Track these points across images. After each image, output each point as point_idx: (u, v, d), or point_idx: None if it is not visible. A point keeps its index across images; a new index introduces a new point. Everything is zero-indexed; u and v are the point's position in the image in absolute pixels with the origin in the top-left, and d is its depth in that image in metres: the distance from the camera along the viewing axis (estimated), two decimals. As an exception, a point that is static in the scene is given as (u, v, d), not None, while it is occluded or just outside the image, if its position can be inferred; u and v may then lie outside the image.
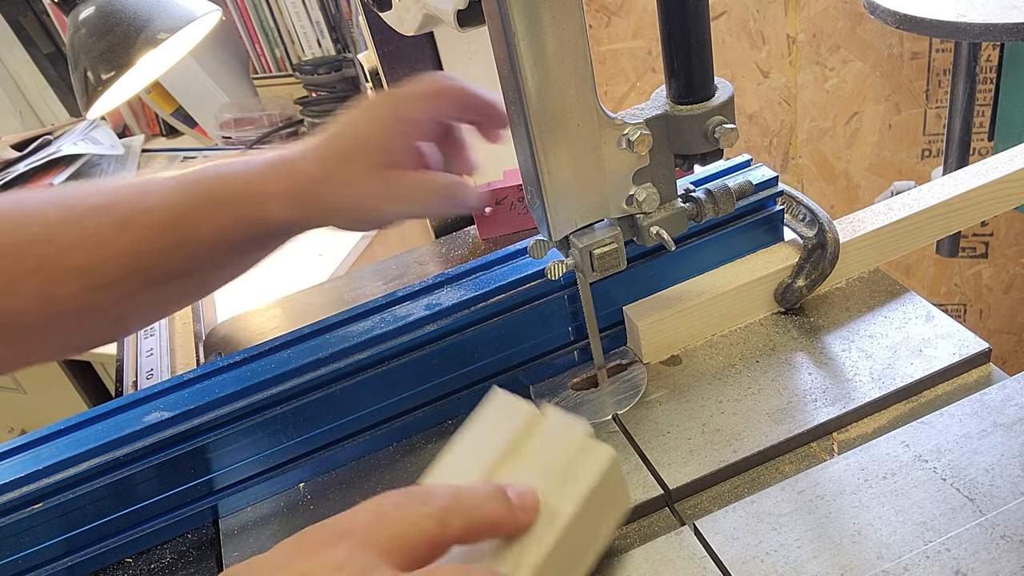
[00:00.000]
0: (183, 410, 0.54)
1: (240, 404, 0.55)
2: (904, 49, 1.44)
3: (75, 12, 0.84)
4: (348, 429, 0.58)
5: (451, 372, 0.59)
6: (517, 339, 0.59)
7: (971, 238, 1.56)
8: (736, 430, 0.53)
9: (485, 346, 0.59)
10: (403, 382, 0.58)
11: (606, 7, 1.53)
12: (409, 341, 0.57)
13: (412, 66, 0.83)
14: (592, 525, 0.44)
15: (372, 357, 0.56)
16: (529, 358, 0.61)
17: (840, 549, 0.44)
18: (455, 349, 0.58)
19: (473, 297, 0.58)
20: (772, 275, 0.60)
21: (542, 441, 0.45)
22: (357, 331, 0.57)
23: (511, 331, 0.59)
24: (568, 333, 0.61)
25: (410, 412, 0.59)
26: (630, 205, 0.51)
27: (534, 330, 0.59)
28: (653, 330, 0.59)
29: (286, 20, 1.53)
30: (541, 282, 0.58)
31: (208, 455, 0.55)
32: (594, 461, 0.44)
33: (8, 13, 1.64)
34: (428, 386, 0.59)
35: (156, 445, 0.54)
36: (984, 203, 0.63)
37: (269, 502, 0.58)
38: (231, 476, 0.57)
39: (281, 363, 0.56)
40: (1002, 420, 0.49)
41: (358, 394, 0.57)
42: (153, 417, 0.54)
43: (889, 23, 0.91)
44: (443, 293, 0.59)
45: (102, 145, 1.51)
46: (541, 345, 0.60)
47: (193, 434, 0.55)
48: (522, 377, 0.61)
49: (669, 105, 0.49)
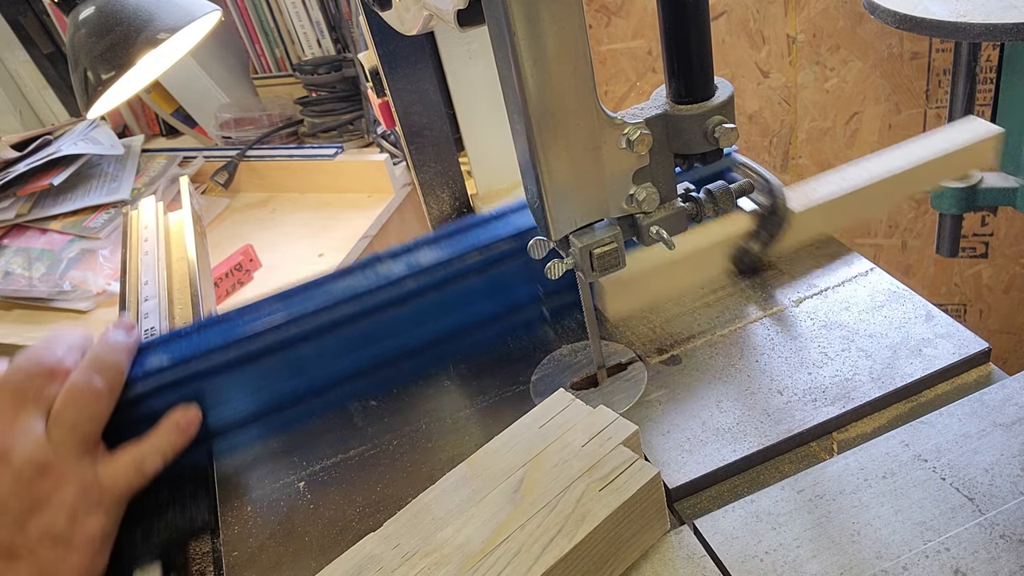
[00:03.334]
0: (181, 357, 0.58)
1: (232, 354, 0.59)
2: (904, 49, 1.44)
3: (75, 12, 0.84)
4: (333, 379, 0.61)
5: (429, 325, 0.62)
6: (490, 296, 0.63)
7: (971, 238, 1.56)
8: (735, 430, 0.53)
9: (461, 302, 0.62)
10: (384, 335, 0.61)
11: (606, 7, 1.53)
12: (389, 297, 0.60)
13: (412, 66, 0.82)
14: (622, 538, 0.45)
15: (355, 311, 0.60)
16: (501, 314, 0.64)
17: (839, 549, 0.44)
18: (433, 304, 0.62)
19: (450, 258, 0.61)
20: (729, 240, 0.64)
21: (591, 443, 0.48)
22: (341, 287, 0.61)
23: (485, 289, 0.63)
24: (538, 290, 0.65)
25: (391, 364, 0.62)
26: (630, 205, 0.51)
27: (505, 288, 0.64)
28: (616, 288, 0.63)
29: (286, 20, 1.53)
30: (512, 244, 0.62)
31: (204, 400, 0.59)
32: (637, 475, 0.45)
33: (8, 13, 1.65)
34: (408, 339, 0.62)
35: (156, 389, 0.57)
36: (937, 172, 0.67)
37: (261, 446, 0.62)
38: (225, 420, 0.60)
39: (272, 315, 0.60)
40: (1002, 420, 0.49)
41: (342, 345, 0.61)
42: (154, 362, 0.58)
43: (889, 23, 0.91)
44: (422, 253, 0.63)
45: (102, 145, 1.51)
46: (512, 301, 0.64)
47: (190, 379, 0.58)
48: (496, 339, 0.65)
49: (669, 105, 0.49)
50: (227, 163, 1.52)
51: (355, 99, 1.51)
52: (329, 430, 0.62)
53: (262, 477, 0.59)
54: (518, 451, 0.49)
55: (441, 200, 0.88)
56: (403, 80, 0.83)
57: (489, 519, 0.45)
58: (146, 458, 0.54)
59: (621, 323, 0.64)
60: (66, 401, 0.52)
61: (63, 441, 0.51)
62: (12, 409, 0.50)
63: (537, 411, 0.51)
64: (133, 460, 0.54)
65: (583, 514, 0.44)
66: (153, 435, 0.55)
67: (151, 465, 0.55)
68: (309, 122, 1.53)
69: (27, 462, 0.49)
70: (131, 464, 0.54)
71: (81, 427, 0.52)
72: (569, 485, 0.45)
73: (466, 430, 0.59)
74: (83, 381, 0.53)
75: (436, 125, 0.84)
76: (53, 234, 1.39)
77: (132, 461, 0.54)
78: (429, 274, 0.61)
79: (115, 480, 0.53)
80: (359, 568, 0.45)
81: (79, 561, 0.50)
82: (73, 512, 0.50)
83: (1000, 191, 0.95)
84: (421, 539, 0.45)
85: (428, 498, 0.48)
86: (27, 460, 0.49)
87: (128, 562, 0.55)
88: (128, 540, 0.55)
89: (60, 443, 0.51)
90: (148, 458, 0.54)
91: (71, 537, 0.49)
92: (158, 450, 0.55)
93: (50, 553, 0.49)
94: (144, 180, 1.51)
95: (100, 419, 0.53)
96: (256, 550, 0.54)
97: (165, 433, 0.56)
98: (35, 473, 0.49)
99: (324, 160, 1.46)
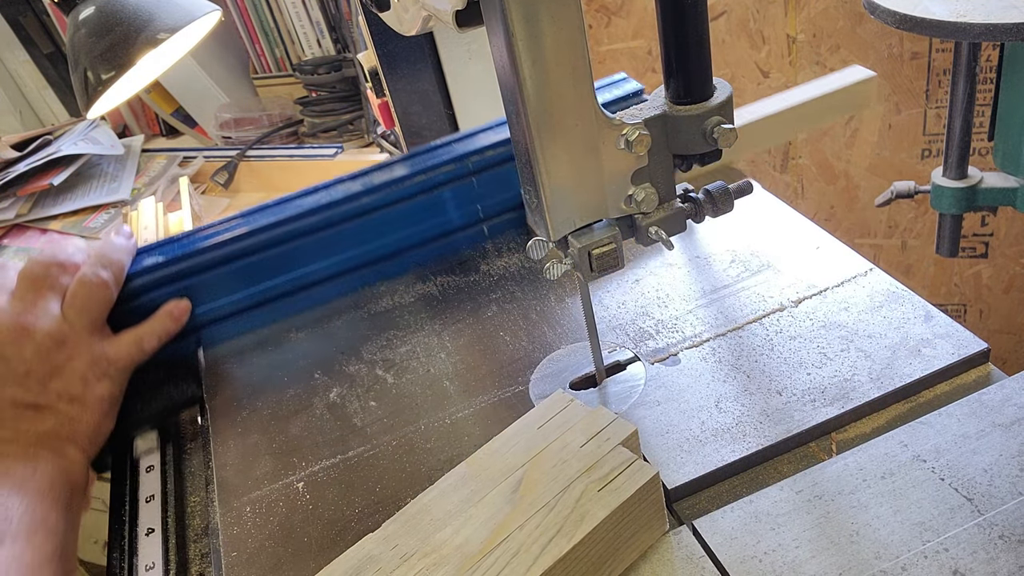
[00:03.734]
0: (174, 256, 0.69)
1: (218, 253, 0.70)
2: (904, 49, 1.44)
3: (75, 12, 0.84)
4: (306, 280, 0.73)
5: (385, 238, 0.74)
6: (436, 214, 0.74)
7: (971, 238, 1.56)
8: (734, 430, 0.53)
9: (410, 218, 0.74)
10: (347, 244, 0.73)
11: (606, 7, 1.53)
12: (349, 210, 0.71)
13: (412, 66, 0.83)
14: (621, 538, 0.45)
15: (321, 221, 0.71)
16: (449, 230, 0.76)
17: (838, 549, 0.44)
18: (387, 219, 0.73)
19: (400, 177, 0.72)
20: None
21: (590, 444, 0.48)
22: (309, 202, 0.72)
23: (432, 207, 0.74)
24: (477, 211, 0.75)
25: (355, 270, 0.74)
26: (629, 205, 0.51)
27: (450, 207, 0.75)
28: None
29: (286, 20, 1.53)
30: (454, 168, 0.73)
31: (193, 295, 0.70)
32: (636, 475, 0.45)
33: (8, 13, 1.64)
34: (370, 247, 0.74)
35: (152, 282, 0.69)
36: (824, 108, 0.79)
37: (242, 338, 0.73)
38: (212, 313, 0.72)
39: (250, 223, 0.71)
40: (1001, 420, 0.49)
41: (311, 251, 0.72)
42: (150, 260, 0.69)
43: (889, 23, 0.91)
44: (376, 175, 0.74)
45: (102, 145, 1.50)
46: (457, 219, 0.75)
47: (182, 276, 0.69)
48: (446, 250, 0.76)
49: (668, 105, 0.49)
50: (227, 163, 1.52)
51: (355, 99, 1.51)
52: (328, 431, 0.62)
53: (262, 477, 0.59)
54: (517, 451, 0.49)
55: (441, 200, 0.87)
56: (403, 80, 0.83)
57: (488, 519, 0.45)
58: (144, 337, 0.65)
59: (620, 324, 0.64)
60: (78, 288, 0.63)
61: (76, 320, 0.62)
62: (33, 295, 0.61)
63: (536, 411, 0.51)
64: (134, 338, 0.65)
65: (582, 514, 0.44)
66: (150, 321, 0.66)
67: (149, 343, 0.66)
68: (309, 122, 1.53)
69: (46, 336, 0.60)
70: (133, 342, 0.65)
71: (90, 310, 0.63)
72: (568, 485, 0.45)
73: (465, 430, 0.59)
74: (92, 272, 0.64)
75: (435, 125, 0.85)
76: (53, 234, 1.39)
77: (133, 339, 0.65)
78: (382, 192, 0.73)
79: (119, 354, 0.64)
80: (358, 568, 0.45)
81: (91, 418, 0.61)
82: (85, 378, 0.61)
83: (1000, 191, 0.95)
84: (420, 539, 0.45)
85: (427, 499, 0.48)
86: (46, 334, 0.60)
87: (130, 428, 0.66)
88: (130, 411, 0.66)
89: (73, 322, 0.62)
90: (146, 337, 0.65)
91: (84, 397, 0.61)
92: (155, 332, 0.66)
93: (68, 408, 0.60)
94: (144, 180, 1.51)
95: (106, 304, 0.65)
96: (255, 550, 0.54)
97: (160, 319, 0.67)
98: (53, 345, 0.60)
99: (324, 160, 1.46)
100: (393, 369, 0.67)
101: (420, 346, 0.68)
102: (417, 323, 0.71)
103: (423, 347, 0.68)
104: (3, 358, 0.58)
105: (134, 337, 0.65)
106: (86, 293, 0.63)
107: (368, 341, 0.70)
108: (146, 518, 0.59)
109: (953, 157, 0.96)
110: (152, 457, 0.65)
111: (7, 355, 0.58)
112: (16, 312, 0.60)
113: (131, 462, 0.65)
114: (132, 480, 0.63)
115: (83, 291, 0.63)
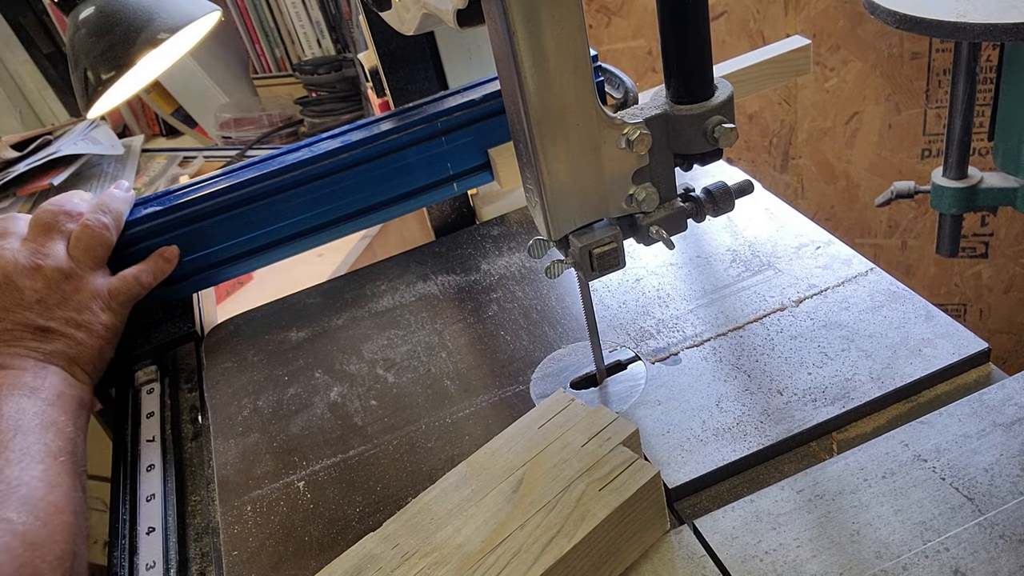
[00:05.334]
0: (170, 204, 0.75)
1: (208, 204, 0.75)
2: (904, 49, 1.44)
3: (75, 12, 0.84)
4: (289, 231, 0.78)
5: (364, 192, 0.78)
6: (410, 172, 0.78)
7: (971, 238, 1.56)
8: (735, 430, 0.53)
9: (386, 175, 0.78)
10: (329, 198, 0.77)
11: (606, 7, 1.53)
12: (328, 165, 0.76)
13: (412, 66, 0.83)
14: (621, 538, 0.45)
15: (302, 175, 0.75)
16: (424, 187, 0.79)
17: (839, 548, 0.44)
18: (365, 175, 0.77)
19: (375, 134, 0.76)
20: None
21: (591, 443, 0.48)
22: (292, 158, 0.76)
23: (405, 165, 0.78)
24: (447, 168, 0.79)
25: (335, 224, 0.79)
26: (630, 205, 0.51)
27: (419, 167, 0.78)
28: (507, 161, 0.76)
29: (286, 20, 1.54)
30: (425, 126, 0.76)
31: (186, 243, 0.76)
32: (637, 475, 0.45)
33: (8, 13, 1.65)
34: (349, 201, 0.78)
35: (151, 229, 0.75)
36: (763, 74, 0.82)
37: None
38: (205, 261, 0.77)
39: (238, 176, 0.76)
40: (1001, 420, 0.49)
41: (294, 204, 0.76)
42: (150, 208, 0.75)
43: (889, 23, 0.91)
44: (353, 133, 0.77)
45: (102, 145, 1.50)
46: (428, 177, 0.79)
47: (178, 224, 0.75)
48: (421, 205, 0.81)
49: (669, 105, 0.49)
50: (227, 163, 1.52)
51: (355, 99, 1.51)
52: (329, 430, 0.62)
53: (263, 476, 0.59)
54: (518, 451, 0.49)
55: (441, 200, 0.88)
56: (403, 80, 0.83)
57: (489, 519, 0.45)
58: (141, 274, 0.73)
59: (619, 324, 0.64)
60: (81, 231, 0.71)
61: (80, 259, 0.70)
62: (43, 238, 0.70)
63: (537, 411, 0.51)
64: (132, 274, 0.73)
65: (583, 514, 0.44)
66: (146, 261, 0.74)
67: (146, 279, 0.73)
68: (309, 122, 1.53)
69: (55, 271, 0.68)
70: (131, 277, 0.72)
71: (93, 250, 0.71)
72: (569, 485, 0.45)
73: (466, 430, 0.59)
74: (94, 218, 0.72)
75: (436, 125, 0.84)
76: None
77: (132, 275, 0.73)
78: (360, 148, 0.76)
79: (119, 288, 0.72)
80: (359, 568, 0.45)
81: (95, 343, 0.69)
82: (90, 307, 0.69)
83: (1000, 191, 0.95)
84: (421, 539, 0.45)
85: (428, 498, 0.48)
86: (54, 269, 0.68)
87: (131, 363, 0.75)
88: (131, 347, 0.75)
89: (78, 260, 0.70)
90: (143, 274, 0.73)
91: (90, 324, 0.69)
92: (150, 270, 0.74)
93: (75, 333, 0.68)
94: (144, 180, 1.51)
95: (107, 246, 0.72)
96: (256, 549, 0.54)
97: (154, 259, 0.74)
98: (61, 278, 0.69)
99: (324, 160, 1.45)
100: (394, 368, 0.67)
101: (421, 345, 0.68)
102: (418, 322, 0.71)
103: (424, 346, 0.68)
104: (18, 289, 0.67)
105: (132, 273, 0.73)
106: (89, 235, 0.71)
107: (369, 340, 0.70)
108: (146, 517, 0.59)
109: (953, 157, 0.97)
110: (152, 385, 0.73)
111: (21, 287, 0.67)
112: (29, 252, 0.69)
113: (133, 390, 0.73)
114: (134, 405, 0.72)
115: (86, 234, 0.71)
